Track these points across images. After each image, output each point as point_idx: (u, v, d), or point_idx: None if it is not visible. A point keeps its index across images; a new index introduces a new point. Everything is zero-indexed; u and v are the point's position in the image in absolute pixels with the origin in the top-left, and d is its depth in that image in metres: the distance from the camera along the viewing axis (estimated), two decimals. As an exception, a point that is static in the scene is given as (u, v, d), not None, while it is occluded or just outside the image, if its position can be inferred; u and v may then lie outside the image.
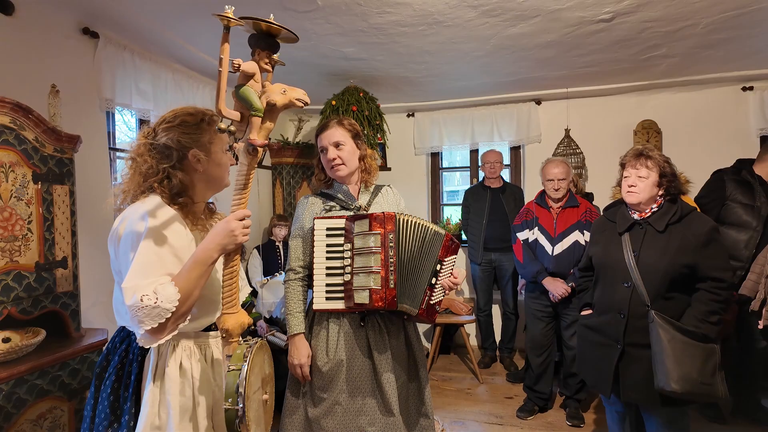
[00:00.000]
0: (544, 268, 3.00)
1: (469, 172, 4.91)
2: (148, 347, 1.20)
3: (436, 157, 4.92)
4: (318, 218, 1.79)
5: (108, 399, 1.25)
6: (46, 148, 1.96)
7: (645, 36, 2.95)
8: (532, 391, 3.17)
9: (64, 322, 2.06)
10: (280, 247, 4.06)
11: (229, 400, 1.12)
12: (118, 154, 3.27)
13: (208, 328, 1.39)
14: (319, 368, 1.77)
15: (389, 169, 4.86)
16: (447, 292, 1.84)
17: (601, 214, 2.38)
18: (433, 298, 1.78)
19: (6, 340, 1.79)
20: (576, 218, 2.97)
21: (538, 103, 4.44)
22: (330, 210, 1.86)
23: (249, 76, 1.15)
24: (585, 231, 2.91)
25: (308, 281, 1.87)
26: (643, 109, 4.17)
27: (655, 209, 2.02)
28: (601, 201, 3.44)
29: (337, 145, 1.82)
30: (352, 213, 1.84)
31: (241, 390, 1.12)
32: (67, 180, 2.07)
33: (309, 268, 1.86)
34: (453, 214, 4.97)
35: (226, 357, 1.19)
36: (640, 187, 2.00)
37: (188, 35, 2.83)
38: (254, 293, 3.68)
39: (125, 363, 1.27)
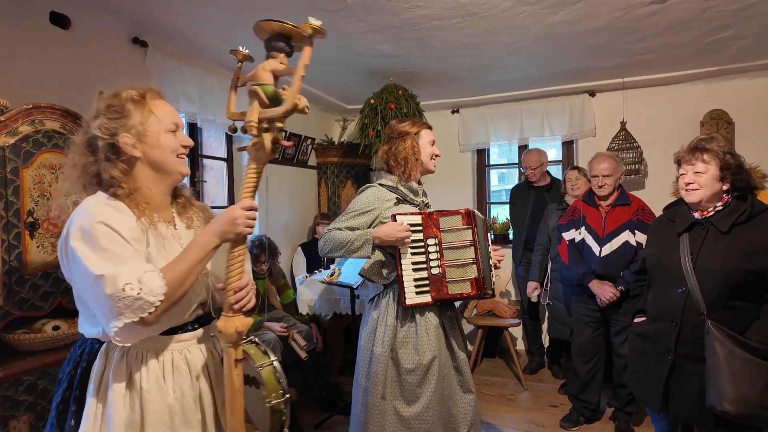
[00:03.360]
0: (591, 271, 2.81)
1: (517, 169, 4.72)
2: (117, 345, 1.12)
3: (482, 153, 4.78)
4: (398, 214, 1.89)
5: (56, 408, 1.18)
6: (93, 150, 2.11)
7: (708, 16, 2.68)
8: (577, 400, 2.99)
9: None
10: (323, 245, 4.13)
11: (273, 394, 1.14)
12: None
13: (173, 331, 1.23)
14: (413, 366, 1.89)
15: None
16: (496, 267, 2.09)
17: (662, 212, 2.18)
18: (494, 277, 2.07)
19: (56, 328, 1.94)
20: (627, 217, 2.75)
21: (592, 94, 4.18)
22: (398, 203, 1.99)
23: (276, 77, 1.22)
24: (636, 231, 2.69)
25: None
26: (712, 97, 3.79)
27: (720, 207, 1.80)
28: (663, 199, 3.17)
29: (433, 143, 2.04)
30: (417, 209, 2.00)
31: (282, 381, 1.14)
32: (113, 180, 2.21)
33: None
34: (499, 213, 4.82)
35: (234, 361, 1.17)
36: (699, 183, 1.80)
37: (230, 40, 2.93)
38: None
39: (76, 370, 1.18)
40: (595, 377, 2.91)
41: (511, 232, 4.31)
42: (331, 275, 3.34)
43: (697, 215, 1.85)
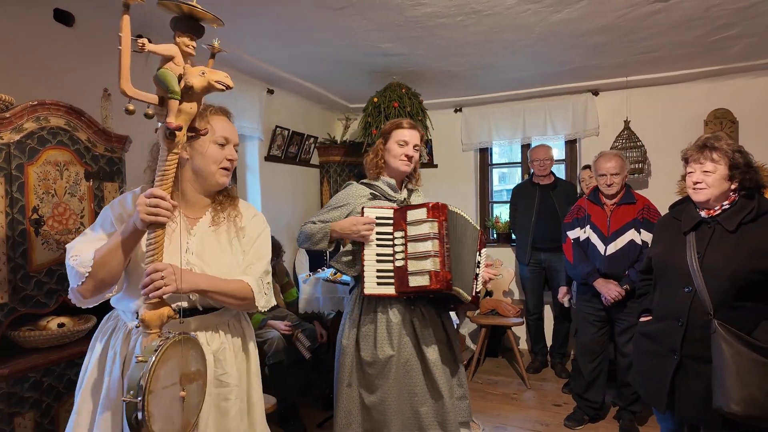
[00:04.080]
0: (596, 269, 2.80)
1: (518, 169, 4.72)
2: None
3: (484, 153, 4.78)
4: (367, 207, 1.92)
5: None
6: (98, 147, 2.11)
7: (712, 15, 2.67)
8: (582, 399, 2.98)
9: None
10: (326, 243, 4.12)
11: (131, 392, 1.05)
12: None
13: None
14: (371, 360, 1.91)
15: (435, 166, 4.78)
16: (485, 284, 2.01)
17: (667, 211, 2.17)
18: (477, 286, 1.95)
19: (60, 325, 1.94)
20: (632, 216, 2.74)
21: (596, 93, 4.17)
22: (374, 199, 2.01)
23: (167, 59, 1.13)
24: (642, 230, 2.69)
25: None
26: (716, 96, 3.79)
27: (727, 206, 1.78)
28: (666, 197, 3.16)
29: (415, 147, 2.02)
30: (395, 204, 2.00)
31: (142, 383, 1.04)
32: (117, 178, 2.21)
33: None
34: (502, 213, 4.81)
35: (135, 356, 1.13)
36: (708, 182, 1.78)
37: (234, 37, 2.94)
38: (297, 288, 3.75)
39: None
40: (599, 376, 2.90)
41: (511, 231, 4.30)
42: (335, 273, 3.33)
43: (703, 214, 1.84)
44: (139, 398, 1.04)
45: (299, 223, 4.36)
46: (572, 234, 2.97)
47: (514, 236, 4.25)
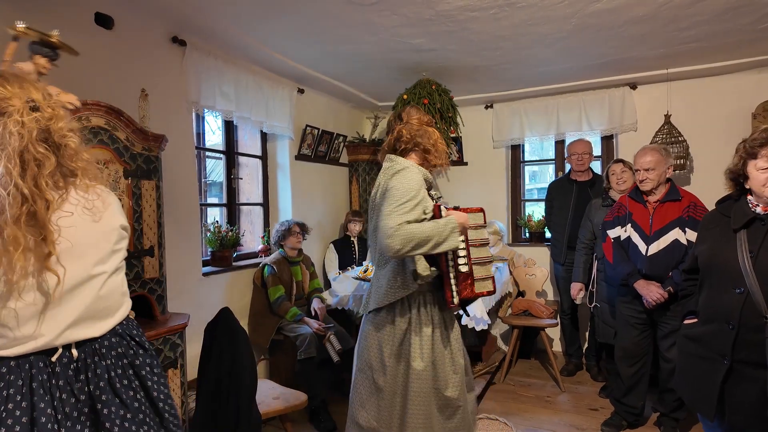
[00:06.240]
0: (637, 270, 2.69)
1: (550, 166, 4.60)
2: None
3: (516, 150, 4.68)
4: (443, 206, 1.80)
5: None
6: (135, 146, 2.16)
7: (761, 0, 2.52)
8: (620, 404, 2.87)
9: (151, 306, 2.26)
10: (355, 242, 4.13)
11: None
12: (207, 153, 3.54)
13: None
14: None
15: (465, 163, 4.72)
16: None
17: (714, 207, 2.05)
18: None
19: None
20: (677, 214, 2.60)
21: (633, 87, 4.02)
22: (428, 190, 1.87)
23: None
24: (687, 229, 2.55)
25: None
26: (765, 88, 3.59)
27: None
28: (710, 194, 3.01)
29: None
30: (438, 201, 1.84)
31: None
32: (154, 176, 2.26)
33: None
34: (535, 211, 4.70)
35: None
36: None
37: (265, 38, 2.97)
38: (327, 286, 3.77)
39: None
40: (640, 381, 2.79)
41: (547, 230, 4.20)
42: (365, 271, 3.32)
43: (759, 210, 1.73)
44: None
45: (329, 221, 4.39)
46: (613, 233, 2.85)
47: (548, 234, 4.14)
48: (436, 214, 1.75)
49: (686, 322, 1.97)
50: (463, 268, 1.75)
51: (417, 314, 1.81)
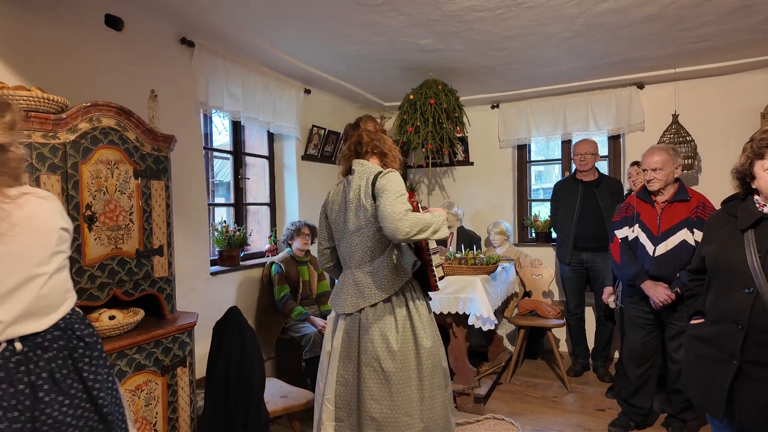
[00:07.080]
0: (644, 271, 2.68)
1: (557, 166, 4.59)
2: None
3: (522, 149, 4.67)
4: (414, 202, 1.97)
5: None
6: (145, 147, 2.18)
7: (772, -1, 2.51)
8: (627, 405, 2.86)
9: (160, 305, 2.28)
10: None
11: None
12: (215, 153, 3.56)
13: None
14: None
15: (471, 163, 4.72)
16: None
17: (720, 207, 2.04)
18: None
19: (111, 318, 2.02)
20: (685, 215, 2.59)
21: (641, 86, 4.01)
22: None
23: None
24: (695, 230, 2.53)
25: None
26: (775, 87, 3.57)
27: None
28: (718, 194, 3.00)
29: None
30: None
31: None
32: (163, 176, 2.28)
33: None
34: (541, 211, 4.69)
35: None
36: None
37: (273, 39, 2.99)
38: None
39: None
40: (648, 382, 2.77)
41: (553, 230, 4.19)
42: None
43: (766, 210, 1.72)
44: None
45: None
46: (620, 233, 2.84)
47: (554, 235, 4.14)
48: (416, 210, 1.91)
49: (693, 322, 1.96)
50: (437, 259, 1.98)
51: (411, 299, 1.95)
